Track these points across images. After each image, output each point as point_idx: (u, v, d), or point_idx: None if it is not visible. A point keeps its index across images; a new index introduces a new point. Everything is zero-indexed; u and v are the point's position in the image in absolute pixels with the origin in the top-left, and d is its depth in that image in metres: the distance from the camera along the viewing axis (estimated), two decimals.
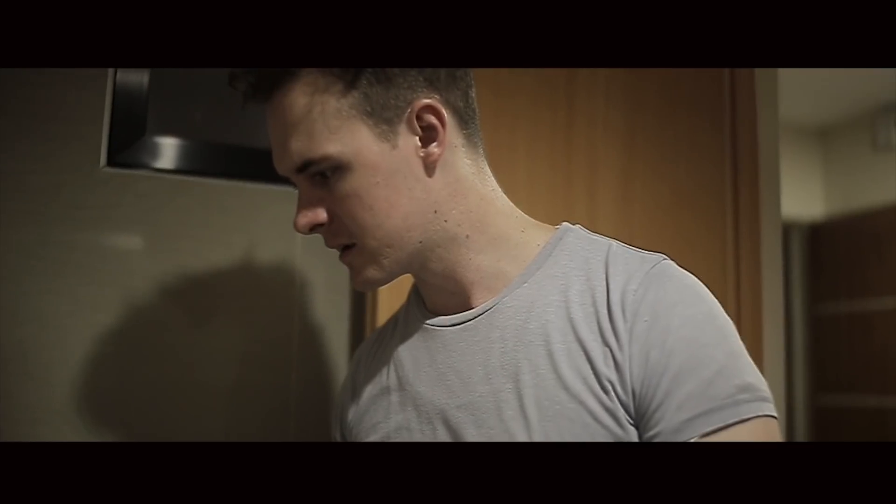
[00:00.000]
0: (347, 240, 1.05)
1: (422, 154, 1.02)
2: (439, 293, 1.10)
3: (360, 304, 1.68)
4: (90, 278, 1.50)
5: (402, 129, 1.01)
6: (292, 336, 1.64)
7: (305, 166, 1.01)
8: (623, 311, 0.95)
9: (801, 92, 4.80)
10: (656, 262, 1.00)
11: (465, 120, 1.07)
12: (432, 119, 1.01)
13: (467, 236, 1.06)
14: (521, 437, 0.96)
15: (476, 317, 1.06)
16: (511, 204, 1.12)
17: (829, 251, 5.56)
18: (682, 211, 1.80)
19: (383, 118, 1.00)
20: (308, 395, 1.63)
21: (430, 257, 1.06)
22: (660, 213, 1.78)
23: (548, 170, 1.73)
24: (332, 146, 0.99)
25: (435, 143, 1.02)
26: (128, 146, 1.54)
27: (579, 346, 0.97)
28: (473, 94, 1.09)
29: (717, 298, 1.01)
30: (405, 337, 1.15)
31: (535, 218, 1.14)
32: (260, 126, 1.89)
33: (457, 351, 1.06)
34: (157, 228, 1.56)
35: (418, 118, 1.01)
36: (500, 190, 1.11)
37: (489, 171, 1.11)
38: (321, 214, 1.05)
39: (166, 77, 1.60)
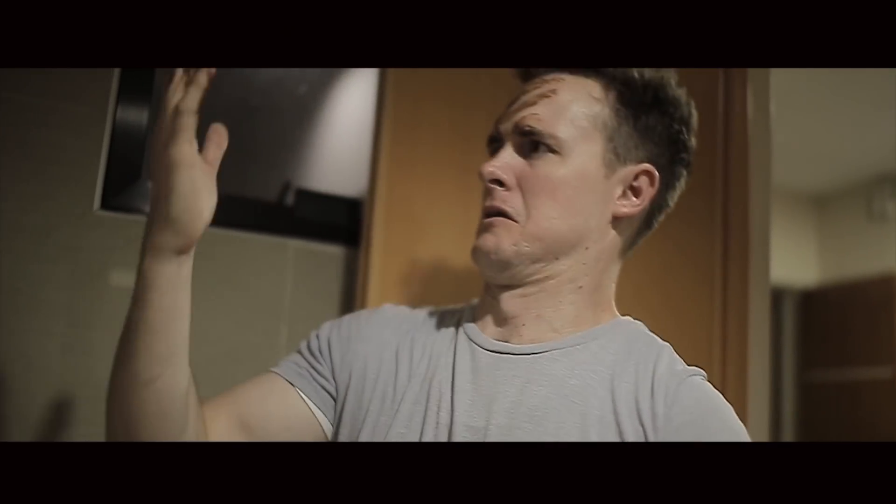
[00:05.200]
0: (511, 210, 1.08)
1: (619, 203, 1.11)
2: (493, 309, 1.13)
3: None
4: (78, 320, 1.50)
5: (621, 171, 1.11)
6: None
7: (528, 132, 1.08)
8: (665, 401, 0.99)
9: (798, 160, 4.84)
10: (698, 373, 1.05)
11: (648, 221, 1.18)
12: (644, 185, 1.12)
13: (580, 287, 1.11)
14: None
15: (520, 354, 1.08)
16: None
17: (820, 318, 5.56)
18: (669, 281, 1.80)
19: (616, 151, 1.10)
20: None
21: (541, 276, 1.10)
22: (647, 283, 1.77)
23: None
24: (566, 133, 1.07)
25: (632, 205, 1.12)
26: (122, 190, 1.55)
27: (614, 419, 0.99)
28: (661, 215, 1.20)
29: (702, 366, 1.07)
30: (449, 345, 1.15)
31: None
32: (253, 176, 1.91)
33: (490, 377, 1.07)
34: None
35: (636, 176, 1.11)
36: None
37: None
38: (511, 178, 1.09)
39: None
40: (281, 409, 1.16)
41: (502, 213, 1.09)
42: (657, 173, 1.12)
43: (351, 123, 1.93)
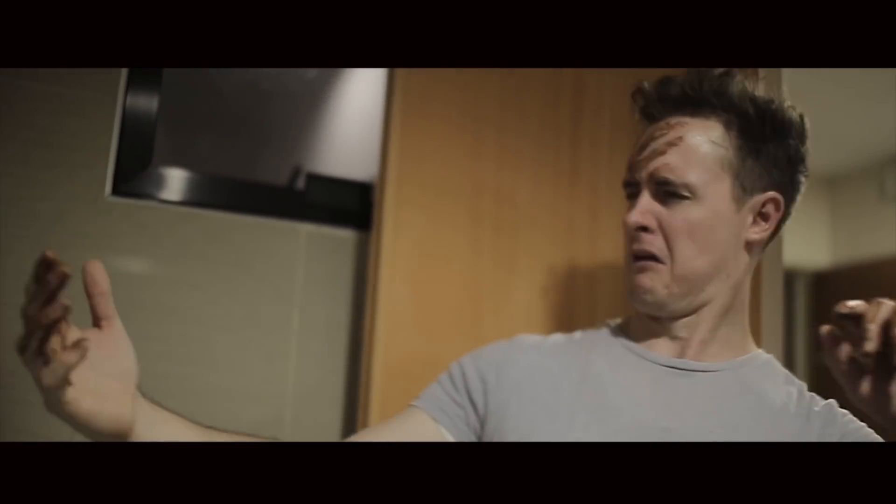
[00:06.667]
0: (658, 252, 1.18)
1: (750, 230, 1.20)
2: (658, 334, 1.23)
3: (358, 343, 1.68)
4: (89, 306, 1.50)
5: (749, 202, 1.19)
6: (288, 375, 1.64)
7: (664, 182, 1.17)
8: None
9: (810, 141, 4.81)
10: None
11: (778, 230, 1.24)
12: (772, 211, 1.20)
13: (724, 307, 1.21)
14: None
15: (704, 371, 1.20)
16: None
17: (833, 300, 5.49)
18: None
19: (743, 186, 1.17)
20: (301, 432, 1.63)
21: (695, 311, 1.20)
22: None
23: (549, 214, 1.73)
24: (698, 178, 1.15)
25: (761, 230, 1.21)
26: (133, 176, 1.55)
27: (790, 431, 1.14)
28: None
29: None
30: (610, 358, 1.24)
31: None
32: (263, 161, 1.91)
33: (676, 390, 1.18)
34: (158, 259, 1.57)
35: (763, 204, 1.19)
36: None
37: None
38: (653, 222, 1.18)
39: (173, 109, 1.61)
40: None
41: (651, 255, 1.18)
42: (782, 198, 1.21)
43: (361, 107, 1.93)
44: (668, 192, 1.17)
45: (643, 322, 1.26)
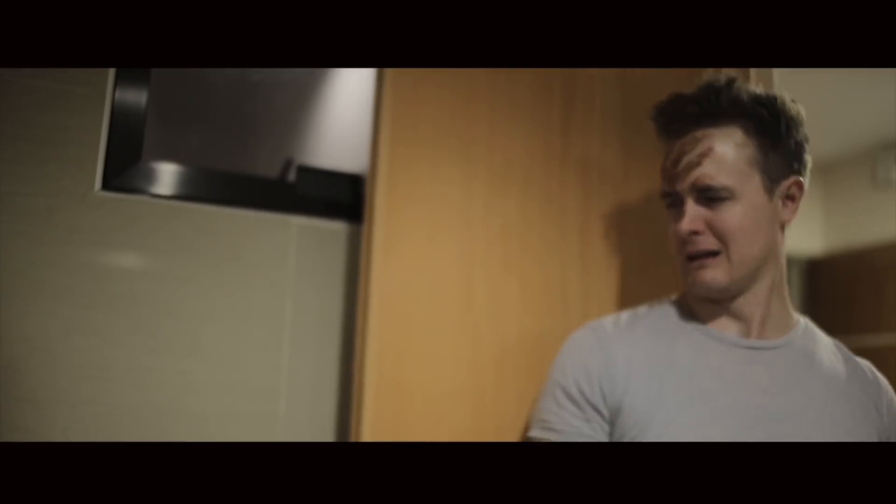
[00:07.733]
0: (713, 247, 1.37)
1: (783, 213, 1.41)
2: (723, 315, 1.44)
3: (351, 335, 1.68)
4: (81, 301, 1.50)
5: (777, 189, 1.40)
6: (281, 368, 1.64)
7: (706, 189, 1.35)
8: (877, 386, 1.49)
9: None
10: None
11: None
12: (796, 192, 1.42)
13: (773, 283, 1.43)
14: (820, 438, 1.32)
15: (773, 348, 1.42)
16: None
17: (827, 287, 5.55)
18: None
19: (770, 177, 1.38)
20: (295, 425, 1.63)
21: (750, 288, 1.41)
22: (654, 256, 1.77)
23: (541, 201, 1.73)
24: (734, 181, 1.35)
25: (791, 210, 1.42)
26: (123, 171, 1.55)
27: (850, 389, 1.44)
28: None
29: None
30: (693, 345, 1.42)
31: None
32: (254, 153, 1.91)
33: (757, 370, 1.39)
34: (149, 253, 1.56)
35: (788, 188, 1.40)
36: None
37: None
38: (702, 225, 1.37)
39: (163, 102, 1.60)
40: None
41: (707, 252, 1.37)
42: (803, 180, 1.41)
43: (351, 98, 1.92)
44: (710, 197, 1.35)
45: (707, 305, 1.45)
